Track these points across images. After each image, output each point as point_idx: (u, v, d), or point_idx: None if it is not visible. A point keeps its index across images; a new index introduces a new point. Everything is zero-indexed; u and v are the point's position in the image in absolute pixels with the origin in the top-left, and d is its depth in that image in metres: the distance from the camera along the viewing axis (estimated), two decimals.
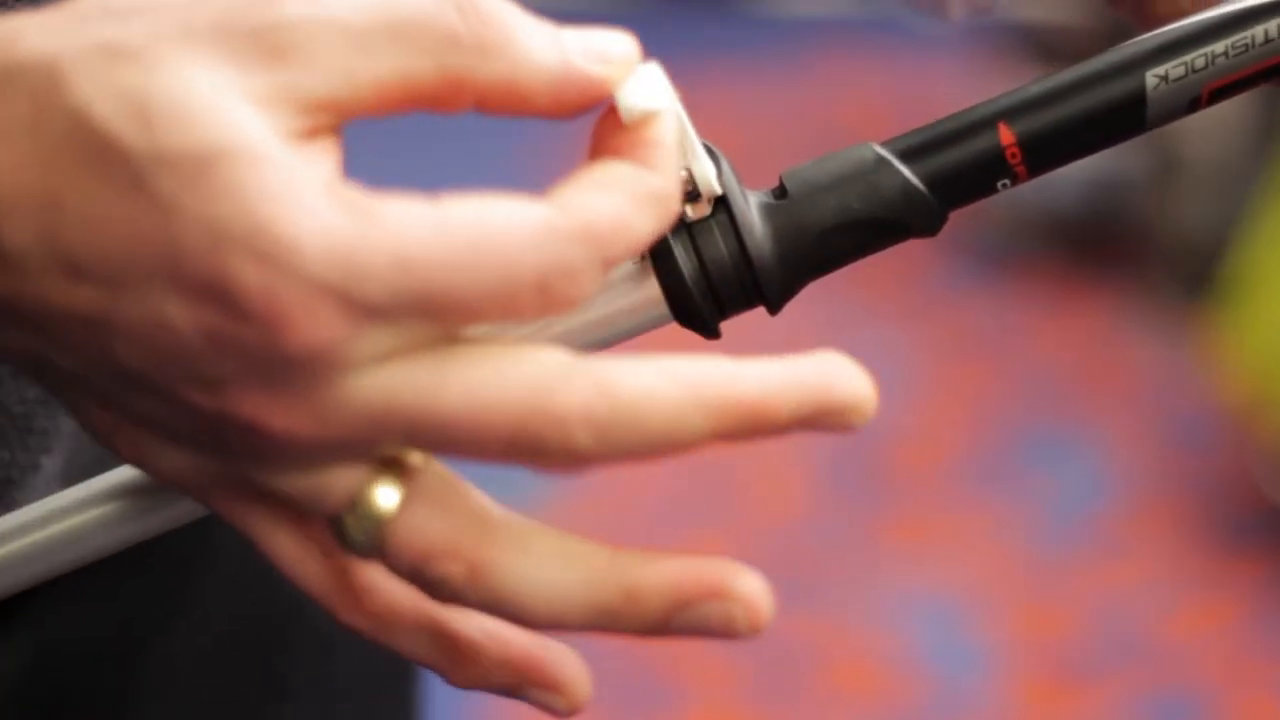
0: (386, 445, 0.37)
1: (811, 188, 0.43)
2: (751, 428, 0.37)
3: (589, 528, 2.30)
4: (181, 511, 0.42)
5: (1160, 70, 0.43)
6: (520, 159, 3.07)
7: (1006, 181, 0.43)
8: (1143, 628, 1.95)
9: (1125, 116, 0.43)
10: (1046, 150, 0.43)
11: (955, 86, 3.04)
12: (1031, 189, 2.23)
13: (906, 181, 0.43)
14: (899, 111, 3.18)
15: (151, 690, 0.56)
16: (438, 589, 0.37)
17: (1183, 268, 2.48)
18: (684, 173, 0.41)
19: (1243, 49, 0.43)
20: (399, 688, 0.69)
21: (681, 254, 0.42)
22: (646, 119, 0.40)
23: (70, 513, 0.43)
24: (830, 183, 0.43)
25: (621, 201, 0.37)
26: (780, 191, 0.43)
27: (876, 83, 3.31)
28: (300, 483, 0.37)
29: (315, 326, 0.34)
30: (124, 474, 0.42)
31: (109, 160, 0.34)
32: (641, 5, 3.69)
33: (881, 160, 0.43)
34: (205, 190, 0.34)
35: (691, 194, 0.42)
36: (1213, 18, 0.43)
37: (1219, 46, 0.43)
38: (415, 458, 0.38)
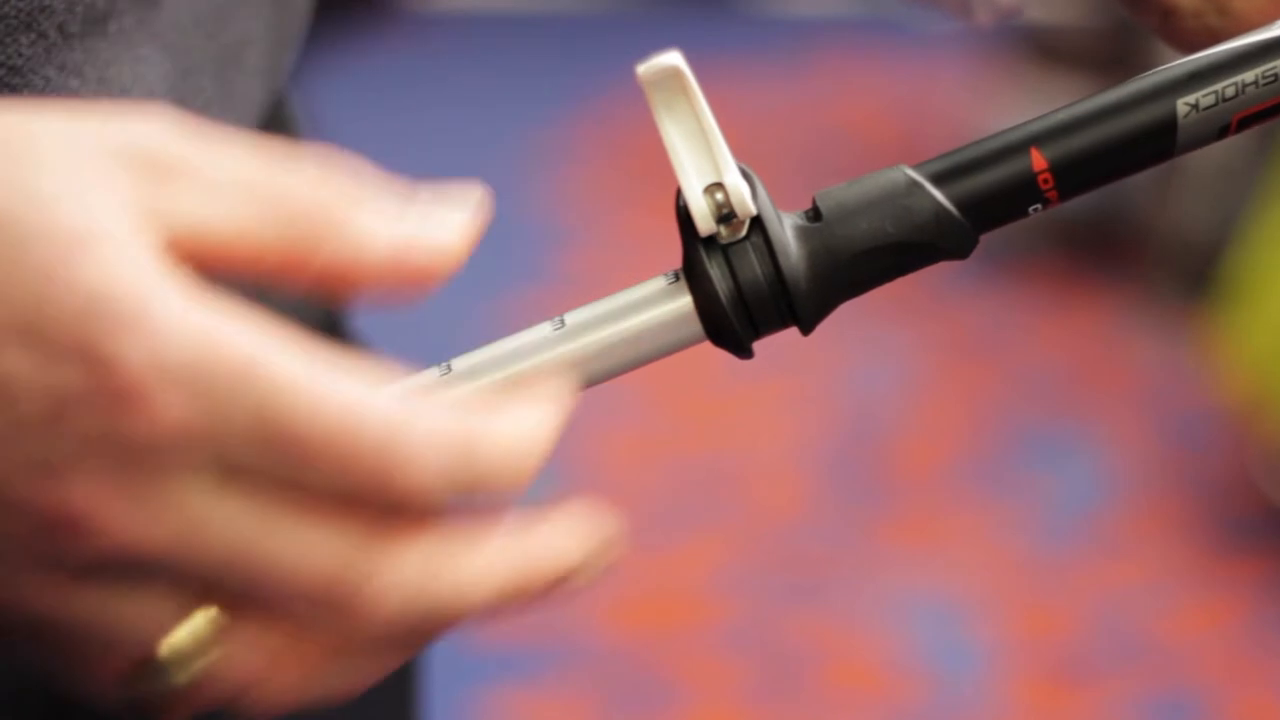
0: (199, 578, 0.37)
1: (845, 210, 0.43)
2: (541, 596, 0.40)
3: None
4: None
5: (1190, 99, 0.43)
6: (524, 152, 3.07)
7: (1038, 206, 0.44)
8: (1143, 628, 1.95)
9: (1155, 143, 0.44)
10: (1078, 175, 0.44)
11: (955, 86, 3.04)
12: None
13: (939, 205, 0.43)
14: (899, 111, 3.18)
15: None
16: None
17: (1183, 268, 2.48)
18: (719, 195, 0.42)
19: (1272, 78, 0.43)
20: (399, 684, 0.69)
21: (717, 275, 0.42)
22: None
23: None
24: (864, 205, 0.43)
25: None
26: (814, 214, 0.44)
27: (876, 82, 3.31)
28: (113, 606, 0.37)
29: (164, 407, 0.35)
30: None
31: None
32: (641, 5, 3.69)
33: (914, 183, 0.43)
34: (81, 262, 0.35)
35: (726, 215, 0.42)
36: (1243, 46, 0.44)
37: (1249, 75, 0.43)
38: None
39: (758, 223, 0.42)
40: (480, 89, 3.38)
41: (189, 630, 0.37)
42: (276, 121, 0.63)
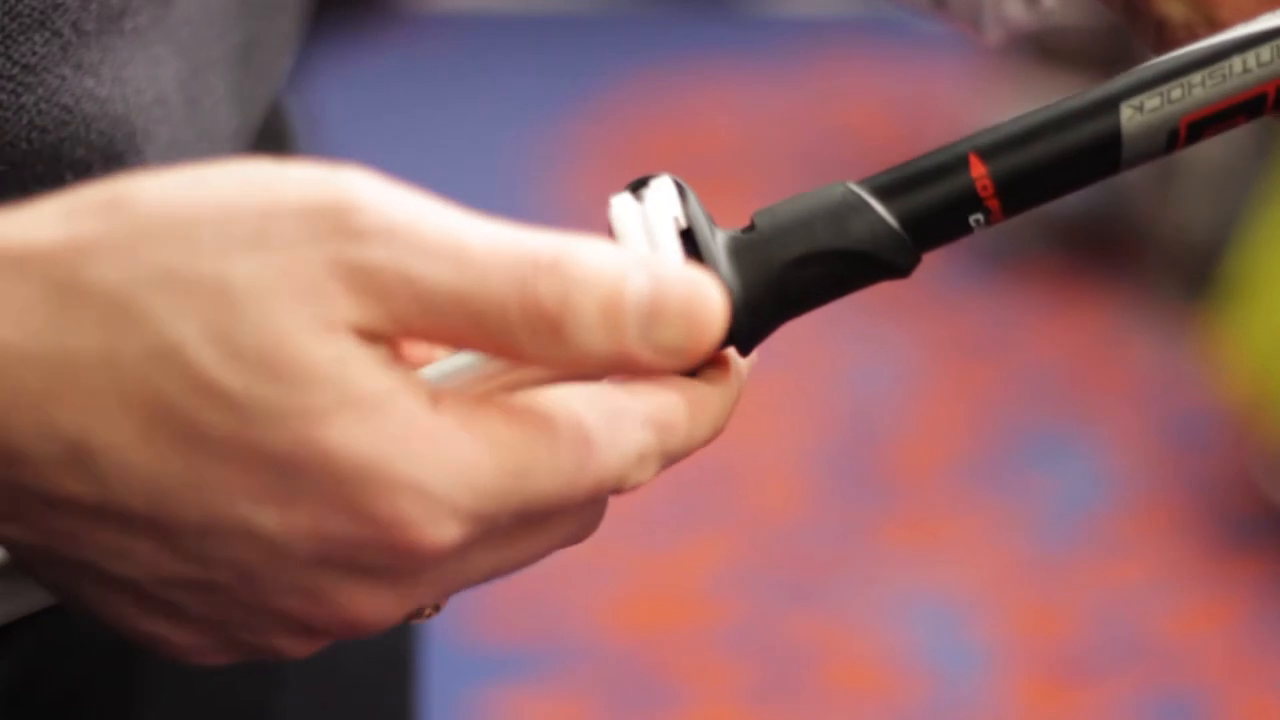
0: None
1: (781, 224, 0.42)
2: None
3: None
4: None
5: (1135, 101, 0.43)
6: (524, 152, 3.07)
7: (980, 217, 0.43)
8: (1143, 628, 1.95)
9: (1101, 149, 0.43)
10: (1021, 184, 0.43)
11: (955, 86, 3.04)
12: None
13: (878, 217, 0.42)
14: (899, 111, 3.18)
15: (153, 680, 0.56)
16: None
17: (1183, 268, 2.48)
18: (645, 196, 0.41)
19: (1219, 79, 0.43)
20: (398, 679, 0.69)
21: None
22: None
23: None
24: (800, 218, 0.42)
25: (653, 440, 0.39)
26: (749, 229, 0.42)
27: (876, 82, 3.31)
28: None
29: (439, 538, 0.36)
30: None
31: (215, 398, 0.35)
32: (641, 5, 3.69)
33: (853, 196, 0.42)
34: (328, 437, 0.35)
35: None
36: (1191, 51, 0.43)
37: (1195, 77, 0.43)
38: None
39: (688, 236, 0.41)
40: (480, 89, 3.38)
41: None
42: (274, 122, 0.63)
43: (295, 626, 0.38)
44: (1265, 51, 0.43)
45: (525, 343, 0.36)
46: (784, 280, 0.42)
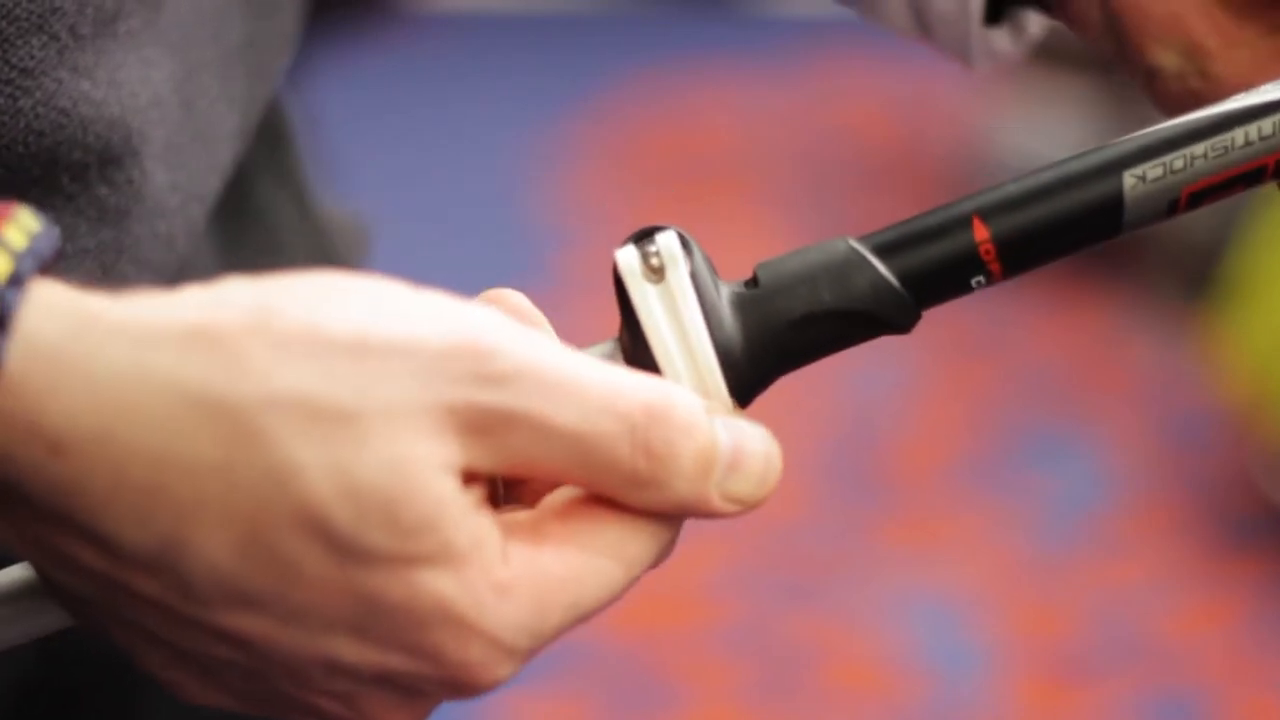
0: None
1: (784, 279, 0.43)
2: None
3: None
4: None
5: (1138, 171, 0.43)
6: (524, 152, 3.07)
7: (981, 279, 0.43)
8: (1143, 628, 1.95)
9: (1103, 216, 0.43)
10: (1022, 248, 0.43)
11: (954, 86, 3.04)
12: None
13: (879, 276, 0.43)
14: (899, 111, 3.18)
15: (155, 686, 0.56)
16: None
17: (1183, 268, 2.48)
18: (654, 260, 0.41)
19: (1221, 151, 0.43)
20: None
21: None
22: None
23: None
24: (803, 275, 0.43)
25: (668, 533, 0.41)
26: (753, 282, 0.43)
27: (876, 82, 3.31)
28: None
29: (499, 677, 0.38)
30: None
31: (318, 532, 0.35)
32: (641, 5, 3.69)
33: (856, 254, 0.43)
34: (417, 580, 0.36)
35: (657, 269, 0.41)
36: (1193, 120, 0.43)
37: (1198, 149, 0.43)
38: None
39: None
40: (480, 89, 3.38)
41: None
42: (274, 122, 0.63)
43: (317, 715, 0.38)
44: (1267, 125, 0.43)
45: (621, 481, 0.38)
46: (786, 337, 0.42)
